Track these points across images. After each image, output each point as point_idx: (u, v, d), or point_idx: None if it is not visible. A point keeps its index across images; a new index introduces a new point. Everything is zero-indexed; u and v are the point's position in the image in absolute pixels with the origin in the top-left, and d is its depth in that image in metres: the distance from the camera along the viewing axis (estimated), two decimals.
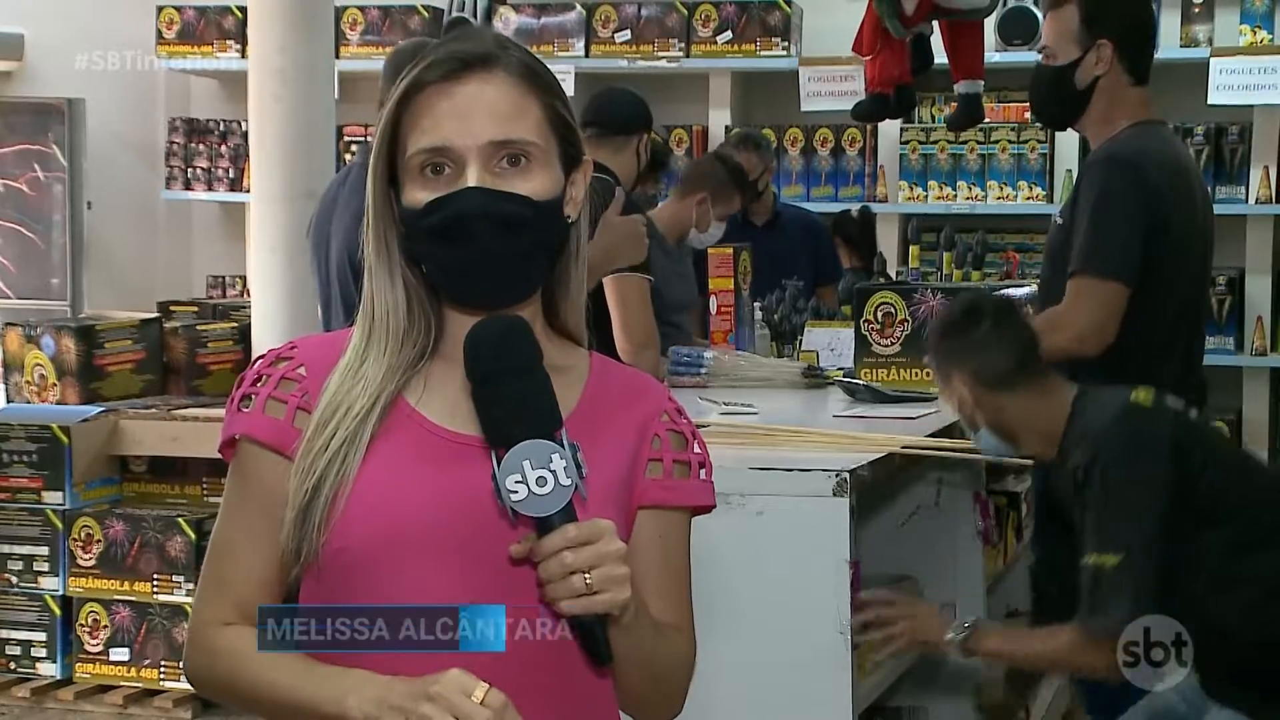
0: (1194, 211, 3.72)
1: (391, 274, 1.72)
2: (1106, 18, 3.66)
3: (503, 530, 1.61)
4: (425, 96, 1.68)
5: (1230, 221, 7.22)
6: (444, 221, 1.66)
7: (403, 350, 1.71)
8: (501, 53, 1.70)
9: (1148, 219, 3.52)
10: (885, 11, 4.98)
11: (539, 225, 1.69)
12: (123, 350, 3.52)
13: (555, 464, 1.56)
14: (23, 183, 7.33)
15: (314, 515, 1.65)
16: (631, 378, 1.84)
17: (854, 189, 7.54)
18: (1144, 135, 3.69)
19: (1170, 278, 3.59)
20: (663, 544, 1.77)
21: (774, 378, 4.39)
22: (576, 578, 1.55)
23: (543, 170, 1.69)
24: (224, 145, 8.25)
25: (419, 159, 1.68)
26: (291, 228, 4.53)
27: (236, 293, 8.00)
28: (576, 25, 7.71)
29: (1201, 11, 7.16)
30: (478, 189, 1.65)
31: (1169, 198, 3.59)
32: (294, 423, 1.71)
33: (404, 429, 1.70)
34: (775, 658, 2.89)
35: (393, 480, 1.67)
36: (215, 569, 1.74)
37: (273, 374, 1.74)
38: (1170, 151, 3.80)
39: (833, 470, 2.91)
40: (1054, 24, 3.71)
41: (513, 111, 1.68)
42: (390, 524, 1.65)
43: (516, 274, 1.70)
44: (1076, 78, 3.66)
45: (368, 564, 1.65)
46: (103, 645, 3.18)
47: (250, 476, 1.73)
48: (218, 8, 8.04)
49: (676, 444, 1.78)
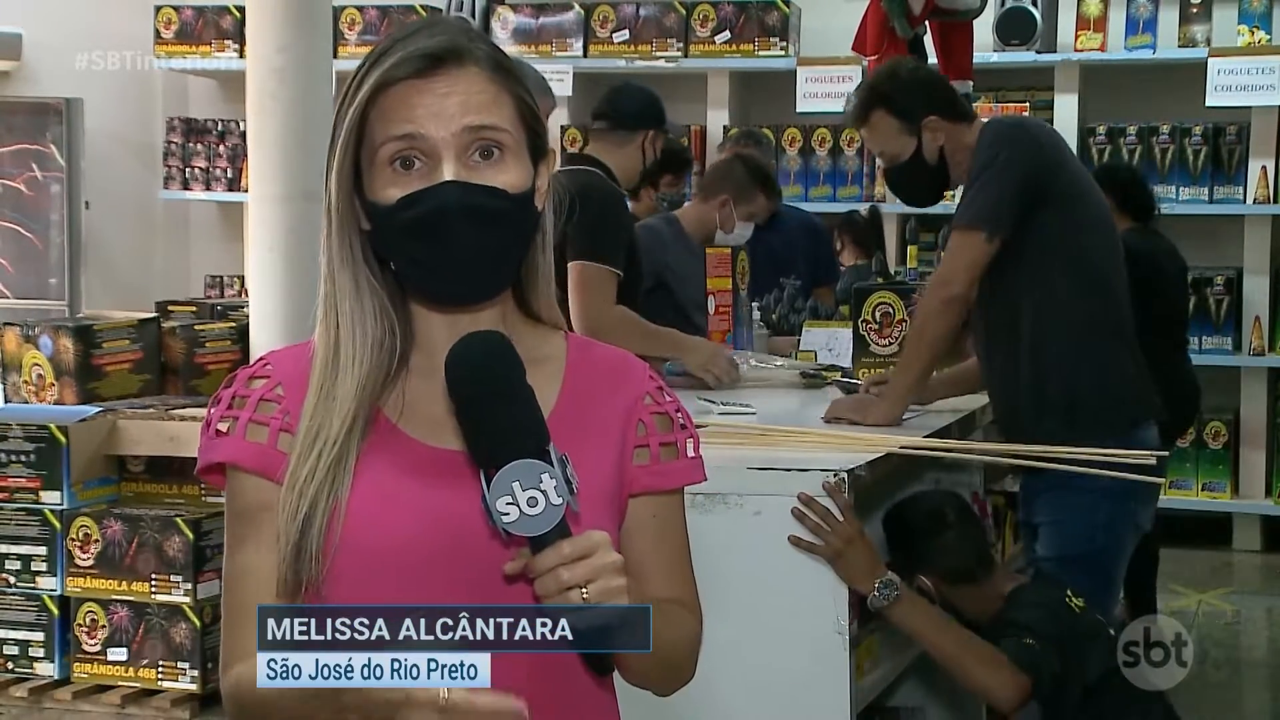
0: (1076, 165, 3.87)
1: (356, 279, 1.68)
2: (916, 102, 3.77)
3: (496, 545, 1.60)
4: (396, 91, 1.64)
5: (1228, 221, 7.23)
6: (421, 217, 1.63)
7: (373, 359, 1.67)
8: (471, 45, 1.68)
9: (1025, 170, 3.63)
10: (895, 11, 4.99)
11: (515, 218, 1.67)
12: (120, 350, 3.51)
13: (545, 483, 1.54)
14: (20, 183, 7.34)
15: (309, 546, 1.63)
16: (610, 359, 1.80)
17: (852, 189, 7.55)
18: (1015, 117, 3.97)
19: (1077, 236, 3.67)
20: (657, 523, 1.76)
21: (771, 378, 4.40)
22: (573, 593, 1.54)
23: (515, 162, 1.67)
24: (222, 145, 8.25)
25: (390, 149, 1.64)
26: (290, 227, 4.53)
27: (234, 292, 8.01)
28: (575, 25, 7.71)
29: (1199, 12, 7.17)
30: (455, 183, 1.63)
31: (1047, 150, 3.72)
32: (277, 445, 1.67)
33: (386, 448, 1.67)
34: (773, 657, 2.89)
35: (382, 503, 1.64)
36: (236, 598, 1.71)
37: (250, 395, 1.70)
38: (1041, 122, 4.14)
39: (831, 470, 2.92)
40: (874, 135, 3.87)
41: (486, 101, 1.66)
42: (383, 546, 1.63)
43: (493, 269, 1.68)
44: (927, 160, 3.78)
45: (364, 586, 1.64)
46: (100, 645, 3.18)
47: (248, 503, 1.70)
48: (215, 8, 8.04)
49: (662, 426, 1.76)
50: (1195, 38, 7.16)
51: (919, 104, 3.77)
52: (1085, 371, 3.62)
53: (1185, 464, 7.36)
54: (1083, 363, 3.63)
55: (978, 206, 3.61)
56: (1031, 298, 3.63)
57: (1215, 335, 7.17)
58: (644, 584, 1.72)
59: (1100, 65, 7.36)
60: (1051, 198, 3.61)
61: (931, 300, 3.65)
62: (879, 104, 3.79)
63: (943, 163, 3.78)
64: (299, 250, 4.47)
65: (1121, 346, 3.72)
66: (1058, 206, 3.62)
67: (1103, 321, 3.69)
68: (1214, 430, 7.35)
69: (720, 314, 4.81)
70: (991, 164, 3.62)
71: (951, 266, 3.65)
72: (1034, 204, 3.59)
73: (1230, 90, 6.82)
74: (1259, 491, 7.38)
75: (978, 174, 3.64)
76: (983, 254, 3.58)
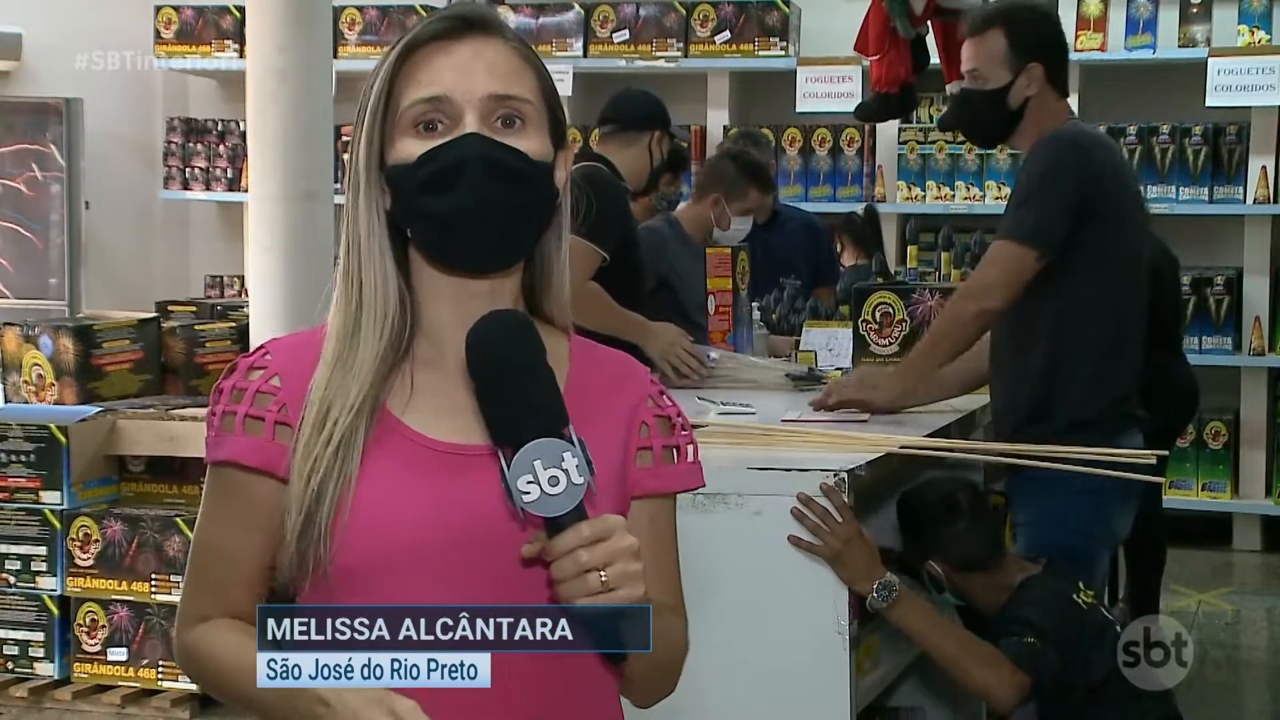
0: (1133, 187, 3.85)
1: (381, 249, 1.67)
2: (1034, 41, 3.77)
3: (502, 537, 1.60)
4: (424, 53, 1.66)
5: (1228, 222, 7.23)
6: (440, 169, 1.63)
7: (392, 333, 1.66)
8: (498, 20, 1.70)
9: (1082, 193, 3.60)
10: (896, 11, 4.99)
11: (535, 184, 1.66)
12: (120, 350, 3.51)
13: (568, 462, 1.53)
14: (20, 183, 7.33)
15: (319, 519, 1.62)
16: (612, 362, 1.80)
17: (852, 189, 7.55)
18: (1080, 124, 3.87)
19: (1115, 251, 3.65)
20: (652, 527, 1.76)
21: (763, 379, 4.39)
22: (592, 575, 1.53)
23: (537, 134, 1.67)
24: (222, 145, 8.25)
25: (414, 111, 1.64)
26: (290, 227, 4.53)
27: (234, 292, 8.01)
28: (575, 25, 7.71)
29: (1199, 12, 7.17)
30: (475, 135, 1.63)
31: (1106, 171, 3.68)
32: (275, 438, 1.67)
33: (391, 442, 1.66)
34: (773, 658, 2.89)
35: (388, 496, 1.64)
36: (195, 567, 1.74)
37: (247, 388, 1.70)
38: (1105, 139, 3.99)
39: (830, 470, 2.91)
40: (980, 48, 3.80)
41: (511, 71, 1.66)
42: (390, 540, 1.63)
43: (509, 229, 1.66)
44: (1009, 100, 3.75)
45: (369, 581, 1.63)
46: (100, 645, 3.18)
47: (231, 494, 1.70)
48: (215, 8, 8.04)
49: (663, 429, 1.77)
50: (1195, 38, 7.16)
51: (1035, 45, 3.75)
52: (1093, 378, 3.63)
53: (1185, 464, 7.36)
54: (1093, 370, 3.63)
55: (1034, 223, 3.57)
56: (1055, 303, 3.62)
57: (1215, 335, 7.17)
58: None
59: (1100, 65, 7.36)
60: (1099, 214, 3.60)
61: (968, 306, 3.61)
62: (1001, 21, 3.77)
63: (1018, 116, 3.76)
64: (299, 250, 4.47)
65: (1134, 357, 3.73)
66: (1102, 222, 3.61)
67: (1120, 332, 3.69)
68: (1214, 430, 7.35)
69: (720, 314, 4.81)
70: (1049, 179, 3.59)
71: (995, 278, 3.61)
72: (1082, 221, 3.58)
73: (1230, 90, 6.82)
74: (1259, 491, 7.38)
75: (1035, 187, 3.60)
76: (1030, 271, 3.56)
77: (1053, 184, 3.59)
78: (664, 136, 4.74)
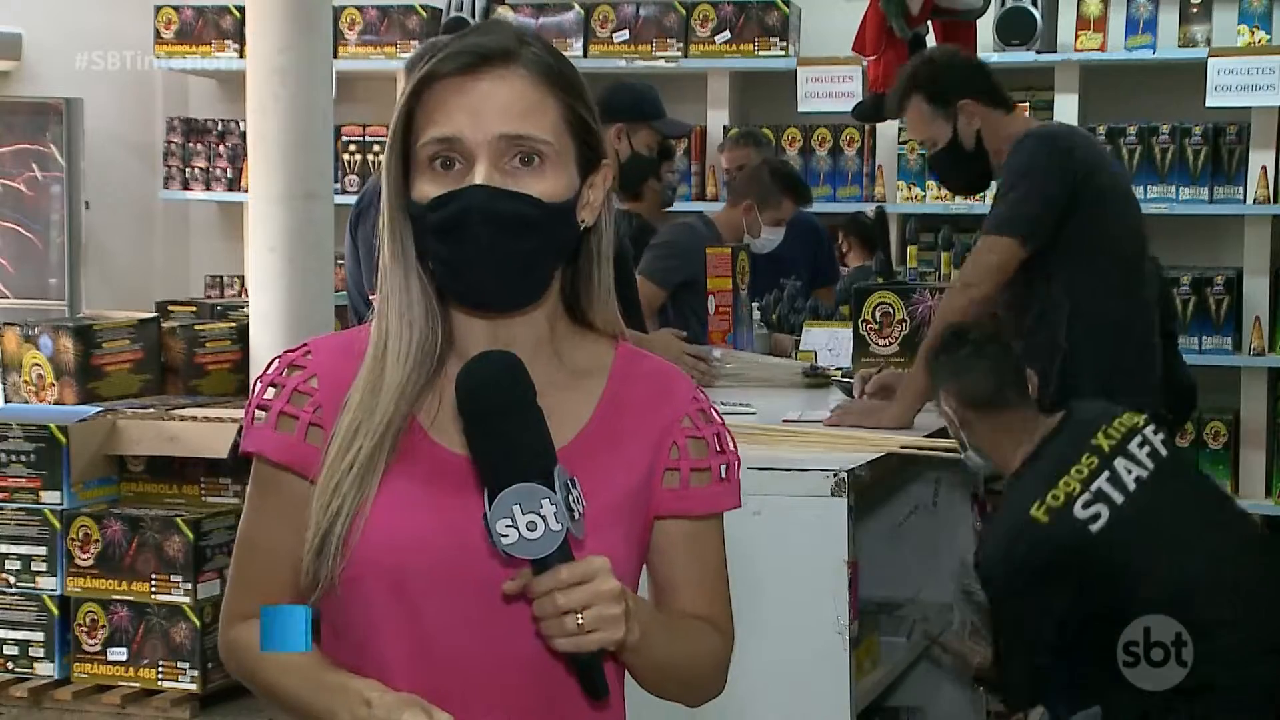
0: (1120, 176, 3.91)
1: (406, 273, 1.69)
2: (947, 86, 3.81)
3: (511, 560, 1.60)
4: (440, 88, 1.65)
5: (1228, 222, 7.22)
6: (447, 218, 1.63)
7: (417, 358, 1.68)
8: (521, 49, 1.67)
9: (1062, 180, 3.61)
10: (893, 11, 5.00)
11: (546, 227, 1.65)
12: (120, 350, 3.51)
13: (545, 509, 1.54)
14: (20, 183, 7.33)
15: (331, 542, 1.64)
16: (658, 375, 1.80)
17: (852, 189, 7.53)
18: (1054, 124, 4.06)
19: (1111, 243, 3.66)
20: (691, 543, 1.77)
21: (772, 378, 4.40)
22: (569, 618, 1.54)
23: (556, 171, 1.66)
24: (222, 145, 8.24)
25: (429, 149, 1.65)
26: (290, 227, 4.53)
27: (234, 293, 7.99)
28: (574, 25, 7.71)
29: (1199, 12, 7.16)
30: (482, 187, 1.62)
31: (1083, 159, 3.73)
32: (306, 439, 1.70)
33: (416, 454, 1.68)
34: (773, 658, 2.89)
35: (406, 510, 1.65)
36: (237, 564, 1.78)
37: (286, 385, 1.72)
38: (1081, 132, 4.09)
39: (831, 470, 2.92)
40: (913, 121, 3.90)
41: (527, 109, 1.65)
42: (403, 555, 1.64)
43: (517, 276, 1.67)
44: (963, 145, 3.80)
45: (382, 593, 1.65)
46: (100, 645, 3.18)
47: (266, 490, 1.74)
48: (215, 8, 8.03)
49: (696, 451, 1.77)
50: (1195, 38, 7.15)
51: (953, 88, 3.79)
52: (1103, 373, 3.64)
53: None
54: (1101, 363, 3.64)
55: (1014, 213, 3.63)
56: (1057, 301, 3.64)
57: (1215, 335, 7.15)
58: (672, 600, 1.75)
59: (1100, 65, 7.36)
60: (1084, 204, 3.62)
61: (958, 300, 3.66)
62: (914, 90, 3.82)
63: (982, 150, 3.80)
64: (299, 250, 4.47)
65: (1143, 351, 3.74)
66: (1089, 213, 3.63)
67: (1128, 327, 3.71)
68: (1214, 430, 7.34)
69: (720, 314, 4.82)
70: (1029, 172, 3.63)
71: (979, 268, 3.66)
72: (1067, 211, 3.60)
73: (1230, 90, 6.81)
74: (1259, 491, 7.37)
75: (1014, 181, 3.65)
76: (1014, 259, 3.61)
77: (1031, 176, 3.64)
78: (637, 129, 4.70)
